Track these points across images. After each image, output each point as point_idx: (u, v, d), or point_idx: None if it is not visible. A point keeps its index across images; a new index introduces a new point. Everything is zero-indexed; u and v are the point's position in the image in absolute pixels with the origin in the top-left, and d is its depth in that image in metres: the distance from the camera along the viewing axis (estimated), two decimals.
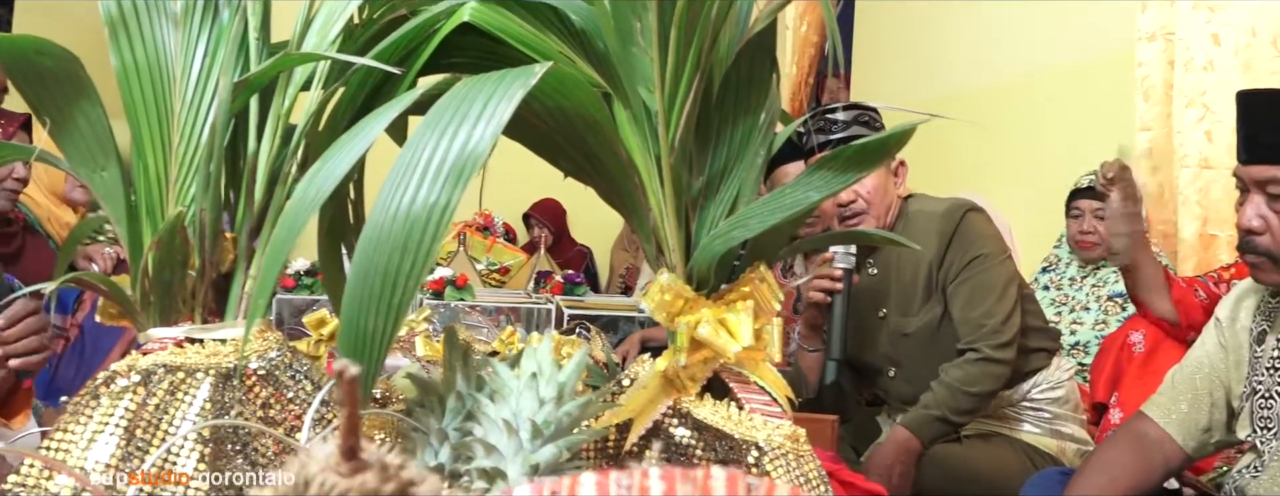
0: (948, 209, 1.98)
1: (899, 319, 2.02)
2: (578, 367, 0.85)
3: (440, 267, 3.85)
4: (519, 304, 3.87)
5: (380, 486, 0.36)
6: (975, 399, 1.85)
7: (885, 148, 0.91)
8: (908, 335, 1.98)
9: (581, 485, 0.34)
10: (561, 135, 0.99)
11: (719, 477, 0.37)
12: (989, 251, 1.91)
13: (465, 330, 1.95)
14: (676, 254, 1.01)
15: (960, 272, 1.89)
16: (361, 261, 0.78)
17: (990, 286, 1.86)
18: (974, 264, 1.89)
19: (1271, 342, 1.41)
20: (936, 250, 1.95)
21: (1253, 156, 1.31)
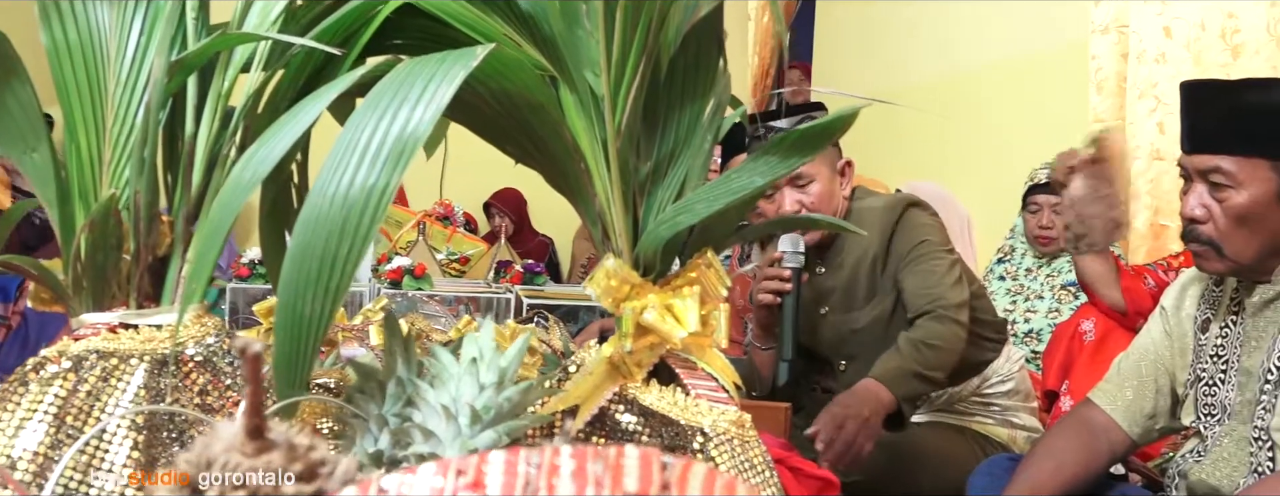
0: (888, 204, 1.96)
1: (843, 315, 2.00)
2: (519, 353, 0.85)
3: (399, 257, 3.82)
4: (478, 293, 3.84)
5: (287, 466, 0.35)
6: (941, 353, 1.76)
7: (829, 131, 0.91)
8: (857, 330, 1.97)
9: (489, 462, 0.34)
10: (507, 119, 0.98)
11: (632, 456, 0.36)
12: (932, 238, 1.90)
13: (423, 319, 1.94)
14: (623, 239, 1.01)
15: (907, 257, 1.89)
16: (298, 245, 0.77)
17: (936, 266, 1.85)
18: (918, 248, 1.88)
19: (1215, 330, 1.43)
20: (879, 244, 1.93)
21: (1195, 146, 1.32)
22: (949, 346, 1.76)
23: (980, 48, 3.72)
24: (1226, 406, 1.38)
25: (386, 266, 3.70)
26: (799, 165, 0.92)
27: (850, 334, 1.98)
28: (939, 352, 1.75)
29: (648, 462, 0.36)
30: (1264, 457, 1.29)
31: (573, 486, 0.34)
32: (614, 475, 0.35)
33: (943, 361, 1.75)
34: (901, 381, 1.70)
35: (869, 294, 1.97)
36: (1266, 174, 1.27)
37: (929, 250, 1.86)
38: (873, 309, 1.95)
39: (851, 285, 1.98)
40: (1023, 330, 2.84)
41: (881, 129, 4.37)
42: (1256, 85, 1.30)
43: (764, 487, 0.97)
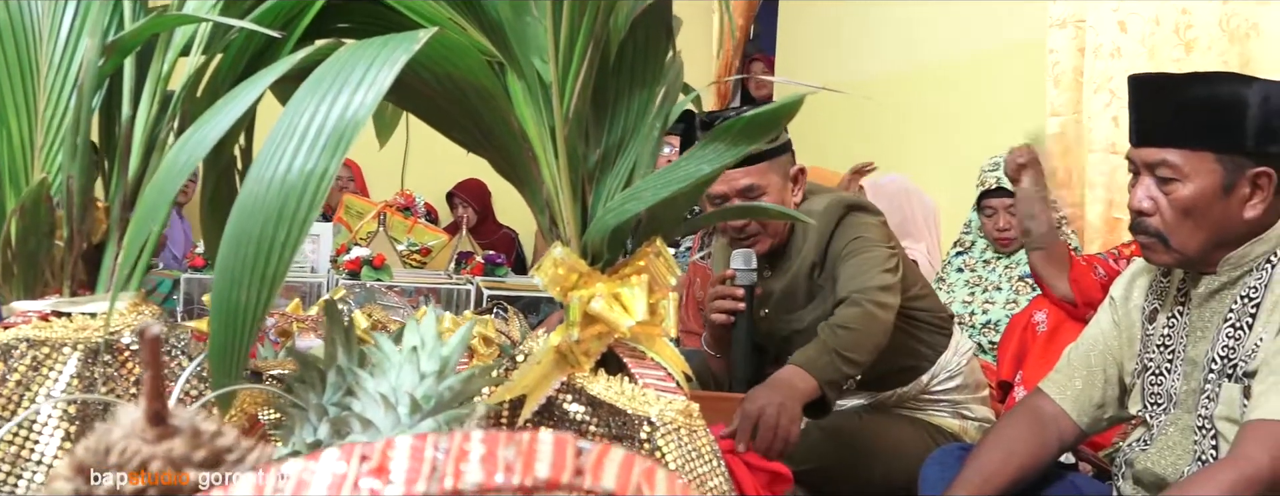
0: (827, 206, 1.93)
1: (784, 316, 1.99)
2: (462, 342, 0.84)
3: (357, 248, 3.79)
4: (438, 284, 3.82)
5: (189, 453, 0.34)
6: (857, 334, 1.73)
7: (775, 119, 0.90)
8: (801, 331, 1.96)
9: (396, 448, 0.33)
10: (453, 105, 0.96)
11: (546, 441, 0.35)
12: (868, 236, 1.88)
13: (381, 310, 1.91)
14: (571, 227, 1.00)
15: (841, 255, 1.88)
16: (234, 231, 0.75)
17: (866, 258, 1.83)
18: (851, 245, 1.86)
19: (1162, 321, 1.44)
20: (818, 249, 1.92)
21: (1142, 139, 1.34)
22: (864, 328, 1.74)
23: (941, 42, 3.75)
24: (1172, 395, 1.40)
25: (345, 257, 3.67)
26: (744, 153, 0.92)
27: (794, 334, 1.97)
28: (854, 334, 1.73)
29: (562, 448, 0.35)
30: (1207, 446, 1.31)
31: (481, 472, 0.33)
32: (526, 460, 0.34)
33: (859, 342, 1.73)
34: (818, 363, 1.69)
35: (808, 296, 1.96)
36: (1211, 166, 1.29)
37: (861, 246, 1.85)
38: (813, 310, 1.95)
39: (792, 288, 1.97)
40: (981, 321, 2.87)
41: (844, 122, 4.39)
42: (1201, 79, 1.31)
43: (712, 476, 0.97)
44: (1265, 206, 1.30)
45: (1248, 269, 1.33)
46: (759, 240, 1.95)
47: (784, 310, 2.00)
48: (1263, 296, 1.30)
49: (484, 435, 0.34)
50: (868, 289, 1.77)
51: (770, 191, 1.91)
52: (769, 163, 1.91)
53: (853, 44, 4.40)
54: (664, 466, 0.95)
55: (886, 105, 4.13)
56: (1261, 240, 1.32)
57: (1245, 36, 2.43)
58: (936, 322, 2.05)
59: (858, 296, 1.77)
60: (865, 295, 1.77)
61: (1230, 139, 1.27)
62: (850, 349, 1.70)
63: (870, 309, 1.76)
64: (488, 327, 1.59)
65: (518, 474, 0.33)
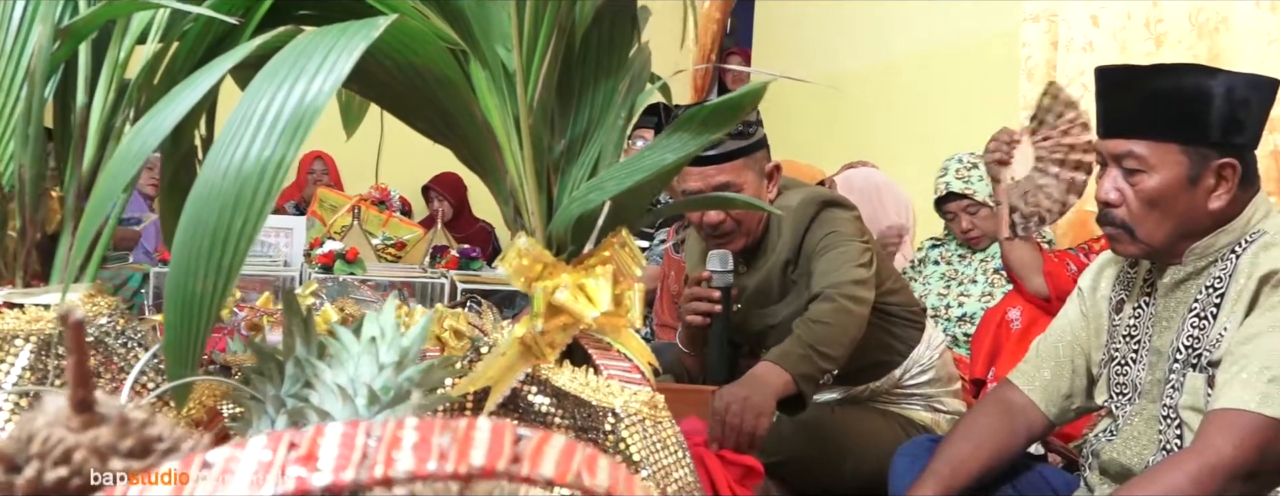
0: (802, 202, 1.93)
1: (758, 311, 1.99)
2: (422, 333, 0.83)
3: (331, 241, 3.77)
4: (412, 278, 3.80)
5: (116, 442, 0.33)
6: (830, 329, 1.73)
7: (739, 106, 0.90)
8: (774, 326, 1.97)
9: (326, 435, 0.32)
10: (415, 94, 0.95)
11: (483, 428, 0.35)
12: (842, 231, 1.88)
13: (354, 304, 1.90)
14: (536, 217, 0.99)
15: (815, 251, 1.88)
16: (190, 220, 0.74)
17: (839, 253, 1.84)
18: (825, 240, 1.86)
19: (1128, 311, 1.45)
20: (792, 245, 1.92)
21: (1109, 131, 1.34)
22: (838, 322, 1.74)
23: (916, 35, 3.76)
24: (1138, 386, 1.40)
25: (318, 251, 3.65)
26: (708, 142, 0.91)
27: (767, 329, 1.97)
28: (829, 328, 1.73)
29: (499, 435, 0.35)
30: (1172, 436, 1.32)
31: (413, 459, 0.32)
32: (461, 448, 0.33)
33: (832, 337, 1.73)
34: (791, 357, 1.69)
35: (782, 292, 1.96)
36: (1177, 158, 1.29)
37: (835, 241, 1.85)
38: (787, 306, 1.95)
39: (766, 284, 1.97)
40: (956, 314, 2.88)
41: (819, 116, 4.39)
42: (1166, 70, 1.32)
43: (676, 468, 0.97)
44: (1230, 197, 1.31)
45: (1213, 259, 1.34)
46: (733, 239, 1.94)
47: (758, 306, 1.99)
48: (1227, 286, 1.31)
49: (419, 422, 0.34)
50: (841, 283, 1.77)
51: (746, 188, 1.90)
52: (745, 159, 1.91)
53: (829, 38, 4.41)
54: (626, 458, 0.95)
55: (862, 98, 4.14)
56: (1226, 231, 1.33)
57: (1214, 30, 2.45)
58: (909, 316, 2.06)
59: (831, 291, 1.77)
60: (839, 290, 1.77)
61: (1195, 130, 1.28)
62: (824, 343, 1.70)
63: (844, 303, 1.76)
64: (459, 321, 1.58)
65: (452, 461, 0.33)
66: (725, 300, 1.87)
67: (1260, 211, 1.34)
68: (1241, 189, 1.32)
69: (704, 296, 1.87)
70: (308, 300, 1.72)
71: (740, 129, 1.86)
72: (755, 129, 1.91)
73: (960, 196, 2.82)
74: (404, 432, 0.33)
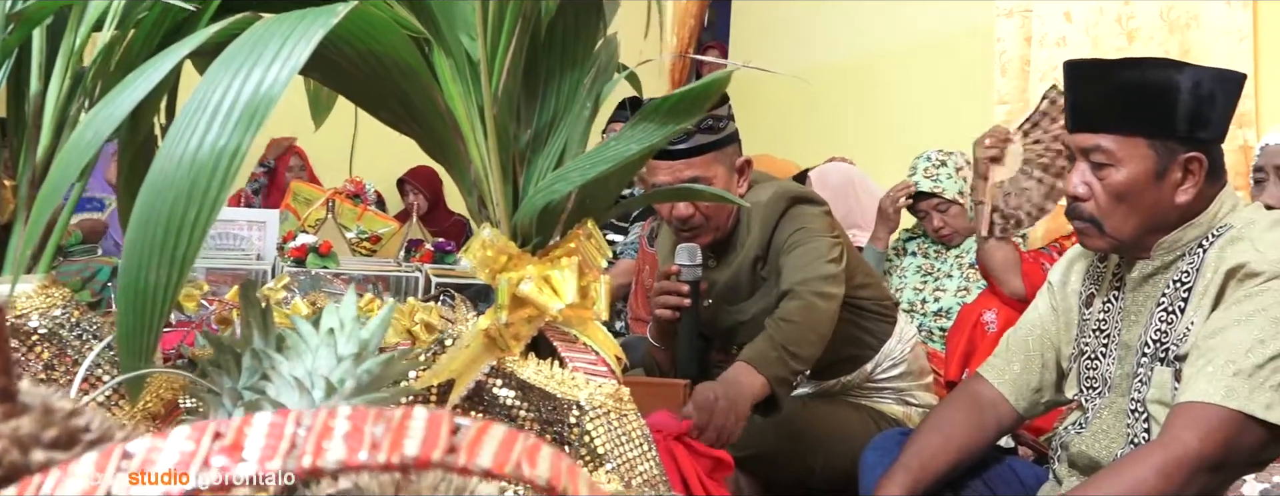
0: (772, 198, 1.93)
1: (728, 307, 1.99)
2: (383, 324, 0.81)
3: (304, 235, 3.73)
4: (386, 272, 3.77)
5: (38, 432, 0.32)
6: (800, 328, 1.73)
7: (703, 96, 0.89)
8: (745, 322, 1.96)
9: (253, 424, 0.31)
10: (377, 82, 0.94)
11: (419, 417, 0.34)
12: (811, 227, 1.87)
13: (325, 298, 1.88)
14: (501, 208, 0.98)
15: (784, 247, 1.87)
16: (143, 209, 0.73)
17: (808, 250, 1.83)
18: (794, 236, 1.86)
19: (1098, 305, 1.46)
20: (761, 241, 1.91)
21: (1077, 125, 1.34)
22: (806, 320, 1.74)
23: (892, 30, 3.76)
24: (1107, 379, 1.41)
25: (291, 244, 3.61)
26: (674, 132, 0.90)
27: (738, 325, 1.97)
28: (797, 328, 1.73)
29: (436, 425, 0.34)
30: (1140, 429, 1.32)
31: (344, 449, 0.31)
32: (395, 437, 0.33)
33: (803, 336, 1.73)
34: (767, 359, 1.68)
35: (751, 288, 1.96)
36: (1144, 152, 1.30)
37: (804, 238, 1.85)
38: (757, 302, 1.94)
39: (736, 280, 1.97)
40: (932, 309, 2.89)
41: (796, 110, 4.40)
42: (1133, 64, 1.32)
43: (641, 461, 0.96)
44: (1197, 191, 1.31)
45: (1180, 253, 1.35)
46: (702, 233, 1.94)
47: (727, 302, 1.99)
48: (1194, 280, 1.31)
49: (353, 411, 0.33)
50: (809, 280, 1.77)
51: (715, 182, 1.89)
52: (715, 153, 1.90)
53: (805, 32, 4.41)
54: (591, 451, 0.94)
55: (838, 93, 4.14)
56: (1194, 224, 1.34)
57: (1185, 26, 2.47)
58: (881, 311, 2.06)
59: (800, 289, 1.77)
60: (807, 286, 1.76)
61: (1162, 124, 1.28)
62: (795, 343, 1.70)
63: (812, 300, 1.76)
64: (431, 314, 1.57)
65: (385, 451, 0.32)
66: (694, 294, 1.87)
67: (1227, 205, 1.34)
68: (1208, 183, 1.32)
69: (673, 290, 1.86)
70: (279, 294, 1.70)
71: (710, 123, 1.85)
72: (726, 123, 1.90)
73: (930, 195, 2.83)
74: (336, 421, 0.32)
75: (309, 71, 0.94)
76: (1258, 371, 1.20)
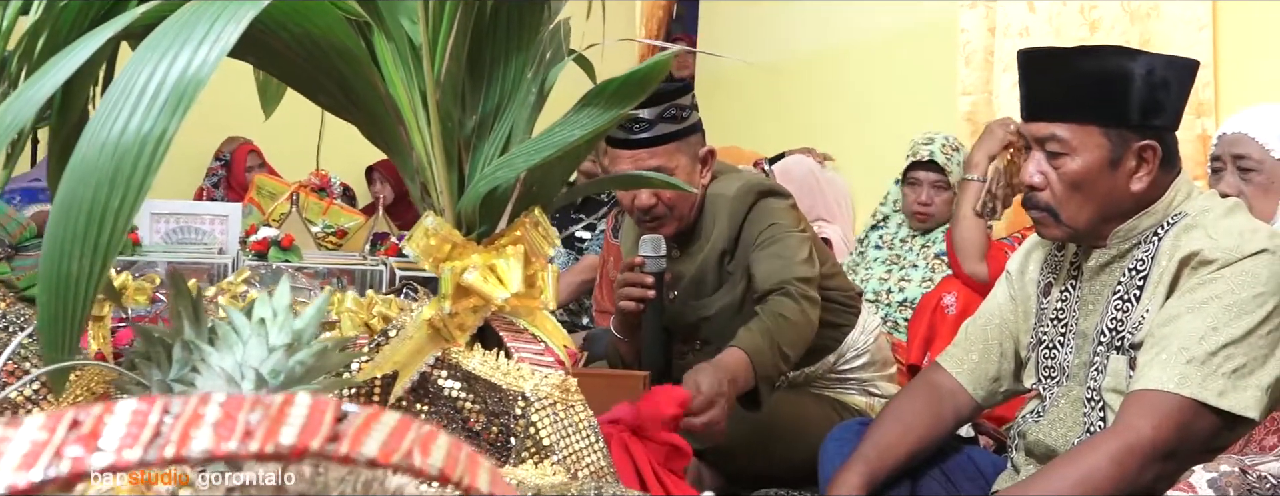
0: (739, 191, 1.91)
1: (693, 302, 1.97)
2: (317, 314, 0.79)
3: (266, 228, 3.68)
4: (350, 266, 3.73)
5: None
6: (797, 328, 1.71)
7: (648, 79, 0.87)
8: (708, 317, 1.95)
9: (115, 412, 0.29)
10: (314, 66, 0.91)
11: (302, 404, 0.32)
12: (782, 222, 1.86)
13: None
14: (445, 196, 0.96)
15: (756, 243, 1.86)
16: (65, 197, 0.71)
17: (785, 247, 1.82)
18: (767, 232, 1.85)
19: (1056, 294, 1.46)
20: (729, 234, 1.90)
21: (1032, 114, 1.34)
22: (801, 321, 1.73)
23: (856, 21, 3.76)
24: (1065, 368, 1.41)
25: (253, 237, 3.57)
26: (618, 117, 0.89)
27: (701, 320, 1.95)
28: (794, 327, 1.72)
29: (319, 412, 0.32)
30: (1096, 418, 1.32)
31: (212, 438, 0.29)
32: (271, 425, 0.31)
33: (797, 337, 1.72)
34: (764, 359, 1.66)
35: (717, 282, 1.94)
36: (1099, 140, 1.29)
37: (778, 234, 1.84)
38: (722, 296, 1.93)
39: (701, 273, 1.95)
40: (898, 299, 2.89)
41: (763, 100, 4.39)
42: (1088, 52, 1.32)
43: (589, 452, 0.94)
44: (1151, 179, 1.31)
45: (1136, 241, 1.35)
46: (665, 223, 1.92)
47: (692, 296, 1.98)
48: (1150, 269, 1.31)
49: (227, 398, 0.31)
50: (794, 280, 1.77)
51: (679, 173, 1.88)
52: (678, 143, 1.89)
53: (772, 24, 4.40)
54: (536, 442, 0.92)
55: (804, 84, 4.14)
56: (1149, 213, 1.34)
57: (1146, 16, 2.48)
58: (845, 301, 2.06)
59: (791, 289, 1.76)
60: (796, 287, 1.76)
61: (1115, 112, 1.28)
62: (790, 344, 1.70)
63: (805, 304, 1.76)
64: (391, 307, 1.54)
65: (258, 440, 0.30)
66: (659, 285, 1.85)
67: (1182, 193, 1.34)
68: (1163, 171, 1.32)
69: (636, 282, 1.84)
70: (239, 287, 1.67)
71: (673, 113, 1.84)
72: (689, 113, 1.89)
73: (938, 170, 2.79)
74: (207, 408, 0.30)
75: (244, 55, 0.91)
76: (1211, 358, 1.20)
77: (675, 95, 1.86)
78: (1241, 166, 1.89)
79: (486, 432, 0.98)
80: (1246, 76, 2.31)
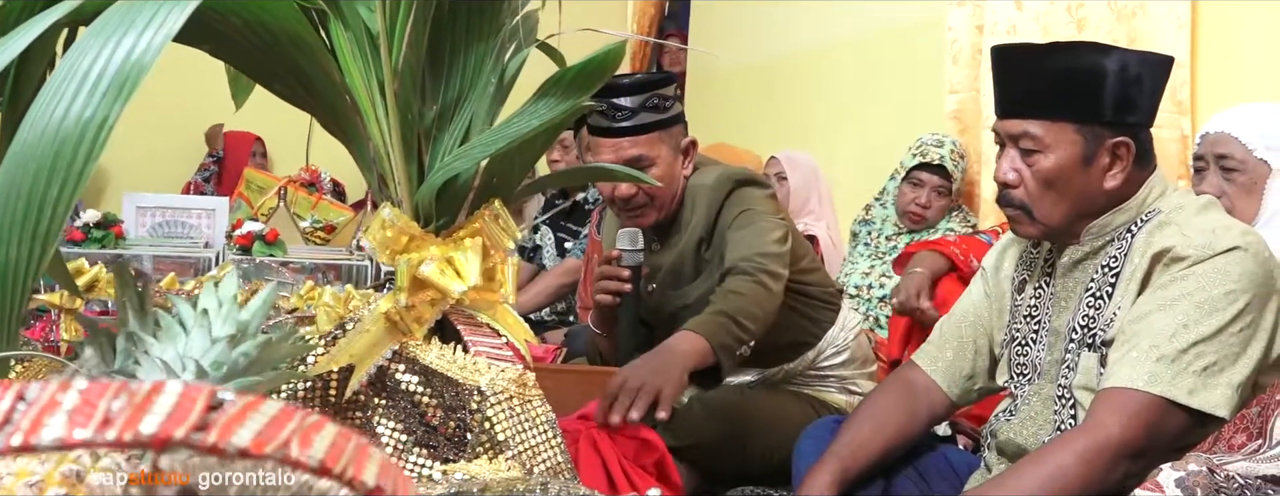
0: (717, 181, 1.90)
1: (671, 292, 1.96)
2: (264, 305, 0.78)
3: (252, 222, 3.67)
4: (335, 260, 3.71)
5: None
6: (745, 299, 1.70)
7: (603, 68, 0.86)
8: (687, 306, 1.94)
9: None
10: (270, 55, 0.90)
11: (171, 392, 0.31)
12: (757, 208, 1.85)
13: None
14: (403, 187, 0.95)
15: (730, 228, 1.85)
16: (3, 184, 0.70)
17: (752, 231, 1.81)
18: (740, 218, 1.84)
19: (1030, 291, 1.44)
20: (706, 223, 1.89)
21: (1006, 111, 1.33)
22: (752, 293, 1.71)
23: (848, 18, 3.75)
24: (1038, 366, 1.40)
25: (238, 232, 3.55)
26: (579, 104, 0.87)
27: (681, 309, 1.94)
28: (743, 299, 1.70)
29: (189, 400, 0.31)
30: (1067, 416, 1.31)
31: (65, 426, 0.28)
32: (133, 413, 0.30)
33: (749, 308, 1.69)
34: (709, 325, 1.64)
35: (695, 271, 1.93)
36: (1072, 137, 1.28)
37: (749, 218, 1.83)
38: (700, 285, 1.92)
39: (679, 263, 1.94)
40: (878, 295, 2.88)
41: (754, 98, 4.38)
42: (1062, 49, 1.30)
43: (545, 448, 0.93)
44: (1125, 176, 1.30)
45: (1109, 239, 1.34)
46: (645, 213, 1.91)
47: (671, 286, 1.97)
48: (1122, 266, 1.30)
49: (90, 385, 0.30)
50: (754, 256, 1.75)
51: (659, 163, 1.87)
52: (660, 133, 1.88)
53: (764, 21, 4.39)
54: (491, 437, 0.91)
55: (794, 82, 4.13)
56: (1122, 210, 1.33)
57: (1132, 15, 2.47)
58: (825, 297, 2.05)
59: (747, 265, 1.75)
60: (753, 263, 1.74)
61: (1089, 109, 1.27)
62: (741, 313, 1.67)
63: (761, 277, 1.74)
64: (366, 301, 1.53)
65: (117, 428, 0.29)
66: (635, 279, 1.84)
67: (1156, 190, 1.33)
68: (1137, 168, 1.31)
69: (613, 275, 1.83)
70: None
71: (655, 102, 1.83)
72: (671, 103, 1.88)
73: (945, 175, 2.78)
74: (66, 395, 0.29)
75: (198, 42, 0.90)
76: (1181, 356, 1.19)
77: (658, 85, 1.85)
78: (1224, 166, 1.88)
79: (444, 427, 0.97)
80: (1225, 75, 2.30)
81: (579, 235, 3.16)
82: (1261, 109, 1.85)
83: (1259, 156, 1.85)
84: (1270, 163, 1.85)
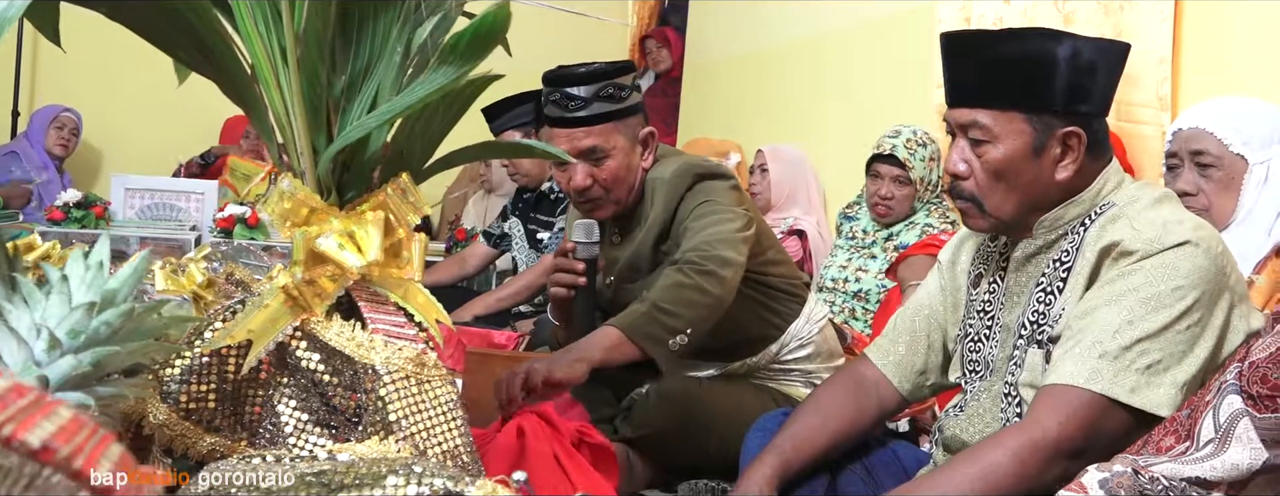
0: (677, 173, 1.87)
1: (628, 286, 1.93)
2: (135, 274, 0.75)
3: (234, 206, 3.65)
4: None
5: None
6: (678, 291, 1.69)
7: (492, 33, 0.83)
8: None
9: None
10: (167, 20, 0.88)
11: None
12: (716, 200, 1.82)
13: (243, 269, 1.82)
14: (306, 158, 0.92)
15: (688, 218, 1.82)
16: None
17: (704, 223, 1.78)
18: (697, 210, 1.81)
19: (985, 286, 1.41)
20: (665, 216, 1.87)
21: (955, 99, 1.29)
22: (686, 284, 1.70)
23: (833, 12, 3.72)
24: (989, 362, 1.36)
25: (220, 214, 3.54)
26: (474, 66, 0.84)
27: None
28: (675, 290, 1.69)
29: None
30: (1012, 413, 1.28)
31: None
32: None
33: (679, 298, 1.68)
34: (630, 318, 1.64)
35: (652, 265, 1.90)
36: (1021, 127, 1.24)
37: (706, 210, 1.80)
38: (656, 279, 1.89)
39: (637, 257, 1.92)
40: (853, 289, 2.85)
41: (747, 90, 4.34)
42: (1011, 35, 1.26)
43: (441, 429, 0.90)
44: (1077, 167, 1.26)
45: (1063, 232, 1.30)
46: (602, 206, 1.88)
47: (627, 280, 1.94)
48: (1073, 260, 1.26)
49: None
50: (702, 246, 1.72)
51: (615, 154, 1.84)
52: (616, 123, 1.84)
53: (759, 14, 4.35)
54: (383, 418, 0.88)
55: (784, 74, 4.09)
56: (1076, 202, 1.29)
57: (1119, 8, 2.43)
58: (789, 289, 2.01)
59: (692, 255, 1.72)
60: (699, 253, 1.72)
61: (1038, 98, 1.23)
62: (672, 303, 1.65)
63: (707, 266, 1.71)
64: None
65: None
66: (590, 272, 1.81)
67: (1111, 182, 1.29)
68: (1090, 159, 1.27)
69: (567, 267, 1.81)
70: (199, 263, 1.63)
71: (611, 91, 1.80)
72: (628, 93, 1.84)
73: (899, 164, 2.78)
74: None
75: (94, 5, 0.87)
76: (1124, 353, 1.15)
77: (613, 74, 1.81)
78: (1200, 162, 1.83)
79: (345, 407, 0.94)
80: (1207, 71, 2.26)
81: (553, 227, 3.14)
82: (1236, 103, 1.81)
83: (1236, 152, 1.81)
84: (1248, 158, 1.81)
